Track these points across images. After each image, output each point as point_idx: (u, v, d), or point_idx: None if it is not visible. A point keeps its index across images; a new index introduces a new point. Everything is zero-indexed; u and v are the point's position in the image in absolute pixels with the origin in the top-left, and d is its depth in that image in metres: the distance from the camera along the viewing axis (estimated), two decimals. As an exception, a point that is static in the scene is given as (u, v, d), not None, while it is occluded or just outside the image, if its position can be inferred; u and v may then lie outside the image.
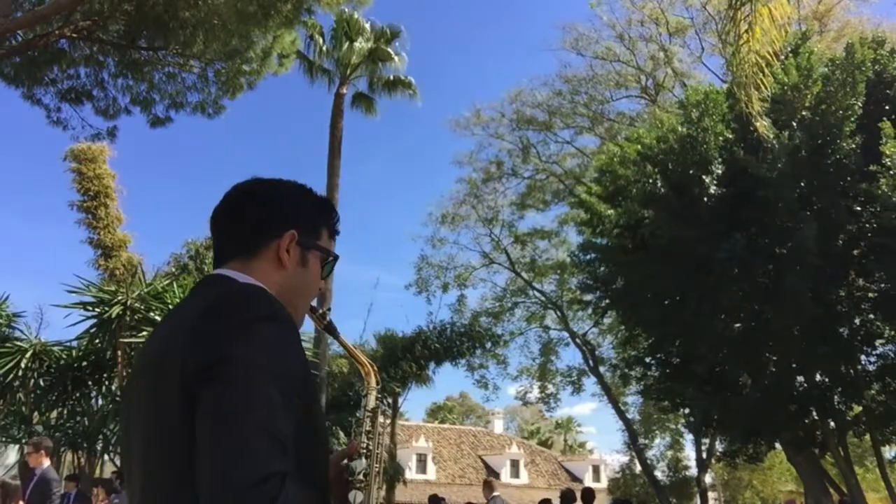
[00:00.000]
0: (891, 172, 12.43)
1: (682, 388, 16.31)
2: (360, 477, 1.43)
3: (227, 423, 1.07)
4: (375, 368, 1.62)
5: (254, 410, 1.08)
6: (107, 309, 11.14)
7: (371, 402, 1.55)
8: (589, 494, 11.64)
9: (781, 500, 33.09)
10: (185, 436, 1.10)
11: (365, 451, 1.47)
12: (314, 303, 1.55)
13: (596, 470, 39.56)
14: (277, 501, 1.02)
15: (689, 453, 32.30)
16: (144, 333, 10.34)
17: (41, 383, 12.39)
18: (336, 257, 1.49)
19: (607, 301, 17.91)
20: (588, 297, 19.00)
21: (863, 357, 15.32)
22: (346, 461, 1.45)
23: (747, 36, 6.86)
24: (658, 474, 31.66)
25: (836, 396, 15.17)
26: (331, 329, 1.61)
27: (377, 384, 1.59)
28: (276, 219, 1.39)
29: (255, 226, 1.38)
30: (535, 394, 29.91)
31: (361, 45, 19.69)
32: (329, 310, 1.65)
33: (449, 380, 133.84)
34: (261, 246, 1.37)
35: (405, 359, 18.73)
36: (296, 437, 1.13)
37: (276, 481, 1.04)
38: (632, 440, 28.65)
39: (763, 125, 9.17)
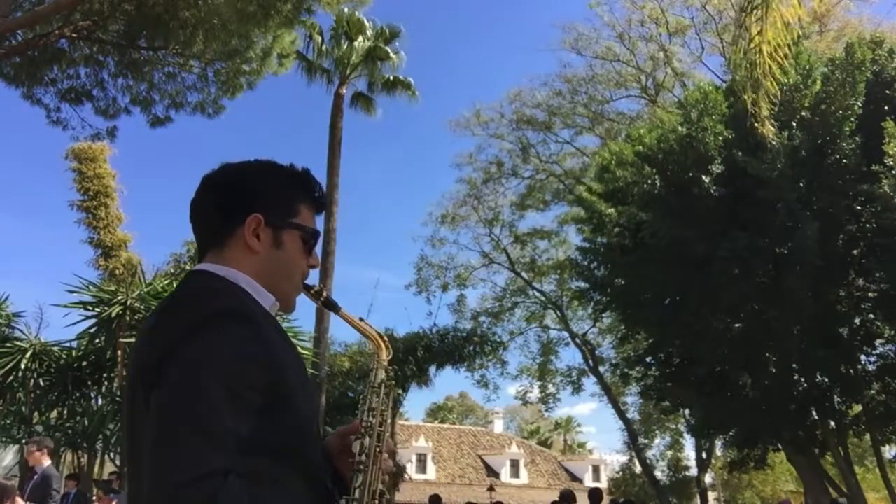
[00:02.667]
0: (893, 172, 12.43)
1: (682, 389, 16.32)
2: (361, 458, 1.37)
3: (162, 425, 1.07)
4: (386, 341, 1.56)
5: (189, 409, 1.07)
6: (107, 309, 11.12)
7: (380, 375, 1.47)
8: (596, 494, 11.38)
9: (783, 499, 33.08)
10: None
11: (366, 429, 1.40)
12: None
13: (596, 470, 39.55)
14: (217, 499, 1.01)
15: (689, 453, 32.37)
16: (144, 333, 10.32)
17: (41, 383, 12.37)
18: (317, 232, 1.44)
19: (607, 300, 17.92)
20: (588, 296, 19.01)
21: (863, 357, 15.34)
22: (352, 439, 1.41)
23: (759, 39, 6.83)
24: (658, 474, 31.73)
25: (836, 396, 15.18)
26: (330, 304, 1.54)
27: (388, 356, 1.54)
28: (238, 203, 1.35)
29: (219, 214, 1.35)
30: (535, 394, 29.96)
31: (361, 44, 19.70)
32: (323, 287, 1.57)
33: (449, 380, 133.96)
34: (228, 234, 1.34)
35: (406, 361, 18.73)
36: (266, 429, 1.12)
37: (216, 479, 1.02)
38: (632, 440, 28.68)
39: (770, 129, 9.13)
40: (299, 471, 1.21)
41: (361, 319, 1.60)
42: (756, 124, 7.68)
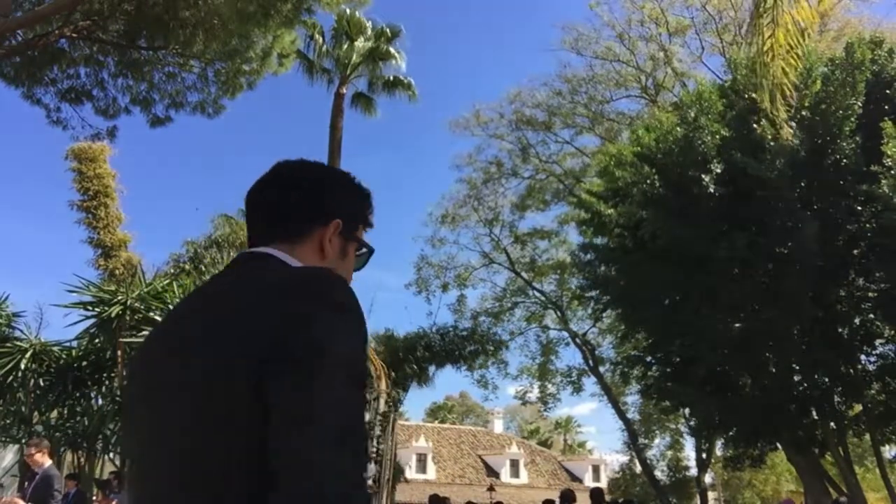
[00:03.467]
0: (892, 172, 12.42)
1: (682, 388, 16.31)
2: (371, 482, 1.37)
3: (322, 421, 1.00)
4: (386, 371, 1.58)
5: (345, 410, 1.03)
6: (106, 309, 11.12)
7: (381, 405, 1.51)
8: (598, 494, 11.34)
9: (783, 499, 33.11)
10: (245, 426, 1.03)
11: (376, 455, 1.42)
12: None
13: (596, 470, 39.56)
14: None
15: (689, 453, 32.36)
16: (144, 333, 10.33)
17: (41, 383, 12.38)
18: (372, 250, 1.46)
19: (608, 298, 17.92)
20: (588, 295, 19.02)
21: (863, 357, 15.33)
22: None
23: (771, 41, 6.82)
24: (658, 474, 31.73)
25: (836, 396, 15.18)
26: None
27: (388, 387, 1.55)
28: (325, 206, 1.36)
29: (303, 211, 1.35)
30: (534, 393, 29.96)
31: (361, 44, 19.71)
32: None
33: (449, 379, 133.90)
34: (306, 232, 1.33)
35: (406, 360, 18.72)
36: None
37: (364, 493, 1.02)
38: (632, 440, 28.68)
39: (789, 131, 9.11)
40: None
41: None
42: (779, 126, 7.64)
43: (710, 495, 32.27)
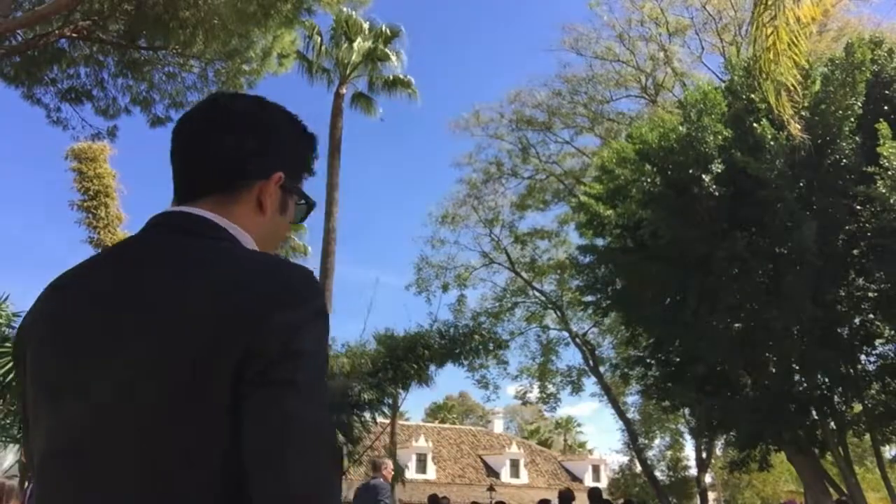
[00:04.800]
0: (889, 173, 12.42)
1: (681, 389, 16.31)
2: None
3: (300, 432, 0.95)
4: None
5: (322, 421, 0.99)
6: (106, 309, 11.14)
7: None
8: (596, 494, 11.37)
9: (783, 500, 33.12)
10: (213, 426, 0.96)
11: None
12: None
13: (596, 470, 39.59)
14: None
15: (689, 453, 32.38)
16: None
17: (41, 383, 12.39)
18: (313, 203, 1.30)
19: (608, 302, 17.91)
20: (588, 299, 19.01)
21: (863, 357, 15.33)
22: None
23: (773, 38, 6.80)
24: (658, 474, 31.74)
25: (836, 396, 15.18)
26: None
27: None
28: (267, 154, 1.18)
29: (242, 160, 1.16)
30: (535, 394, 29.95)
31: (361, 44, 19.72)
32: None
33: (449, 380, 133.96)
34: (244, 185, 1.15)
35: (406, 359, 18.71)
36: None
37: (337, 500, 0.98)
38: (632, 440, 28.68)
39: (795, 127, 9.06)
40: None
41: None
42: (787, 123, 7.62)
43: (710, 495, 32.28)
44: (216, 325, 0.97)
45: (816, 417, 15.23)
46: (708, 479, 31.27)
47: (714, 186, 13.93)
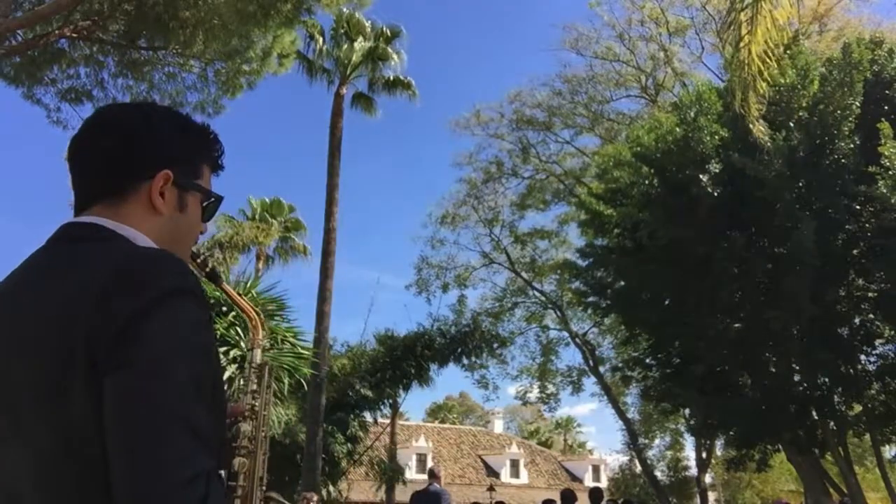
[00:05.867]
0: (889, 173, 12.42)
1: (681, 389, 16.32)
2: (245, 442, 1.31)
3: (141, 421, 0.94)
4: (262, 319, 1.52)
5: (169, 402, 0.95)
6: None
7: (258, 356, 1.43)
8: (597, 494, 11.35)
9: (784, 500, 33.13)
10: (87, 434, 0.96)
11: (250, 412, 1.36)
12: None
13: (596, 470, 39.58)
14: (209, 502, 0.93)
15: (689, 453, 32.37)
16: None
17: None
18: (219, 198, 1.29)
19: (608, 303, 17.92)
20: (589, 300, 19.03)
21: (863, 357, 15.33)
22: (230, 423, 1.31)
23: (749, 38, 6.81)
24: (658, 474, 31.73)
25: (836, 396, 15.18)
26: (213, 276, 1.50)
27: (264, 336, 1.47)
28: (149, 155, 1.19)
29: (123, 163, 1.17)
30: (535, 394, 29.97)
31: (361, 44, 19.70)
32: (210, 255, 1.53)
33: (449, 380, 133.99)
34: (130, 187, 1.17)
35: (406, 359, 18.71)
36: (213, 425, 1.03)
37: (202, 481, 0.94)
38: (632, 440, 28.67)
39: (760, 129, 9.11)
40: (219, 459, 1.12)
41: (240, 294, 1.58)
42: (749, 123, 7.66)
43: (710, 495, 32.26)
44: (65, 324, 1.00)
45: (816, 417, 15.23)
46: (708, 479, 31.26)
47: (712, 187, 13.94)
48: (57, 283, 1.06)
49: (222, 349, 7.17)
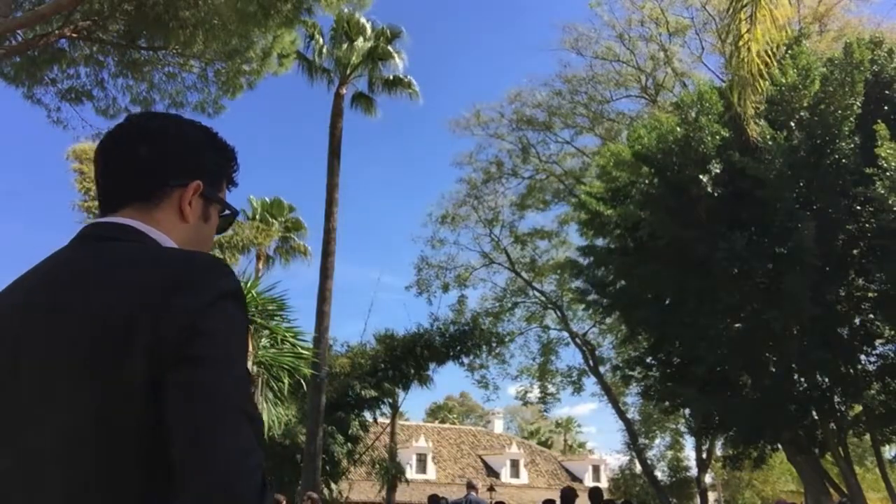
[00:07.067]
0: (887, 174, 12.42)
1: (682, 389, 16.32)
2: None
3: (212, 413, 0.99)
4: (249, 329, 1.55)
5: (235, 397, 1.02)
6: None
7: (248, 366, 1.47)
8: (596, 494, 11.30)
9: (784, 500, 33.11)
10: (141, 428, 1.00)
11: None
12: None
13: (596, 470, 39.60)
14: (265, 490, 0.99)
15: (689, 453, 32.36)
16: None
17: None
18: (236, 212, 1.37)
19: (608, 301, 17.92)
20: (589, 299, 19.03)
21: (863, 357, 15.33)
22: None
23: (748, 37, 6.81)
24: (658, 474, 31.70)
25: (836, 396, 15.18)
26: None
27: (254, 348, 1.53)
28: (183, 164, 1.25)
29: (158, 170, 1.22)
30: (535, 394, 29.96)
31: (361, 44, 19.69)
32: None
33: (449, 380, 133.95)
34: (163, 194, 1.22)
35: (406, 359, 18.72)
36: None
37: (261, 471, 1.00)
38: (632, 440, 28.66)
39: (755, 128, 9.11)
40: None
41: None
42: (746, 122, 7.65)
43: (710, 495, 32.26)
44: (120, 321, 1.03)
45: (816, 417, 15.23)
46: (708, 479, 31.26)
47: (713, 187, 13.93)
48: (105, 279, 1.09)
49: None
